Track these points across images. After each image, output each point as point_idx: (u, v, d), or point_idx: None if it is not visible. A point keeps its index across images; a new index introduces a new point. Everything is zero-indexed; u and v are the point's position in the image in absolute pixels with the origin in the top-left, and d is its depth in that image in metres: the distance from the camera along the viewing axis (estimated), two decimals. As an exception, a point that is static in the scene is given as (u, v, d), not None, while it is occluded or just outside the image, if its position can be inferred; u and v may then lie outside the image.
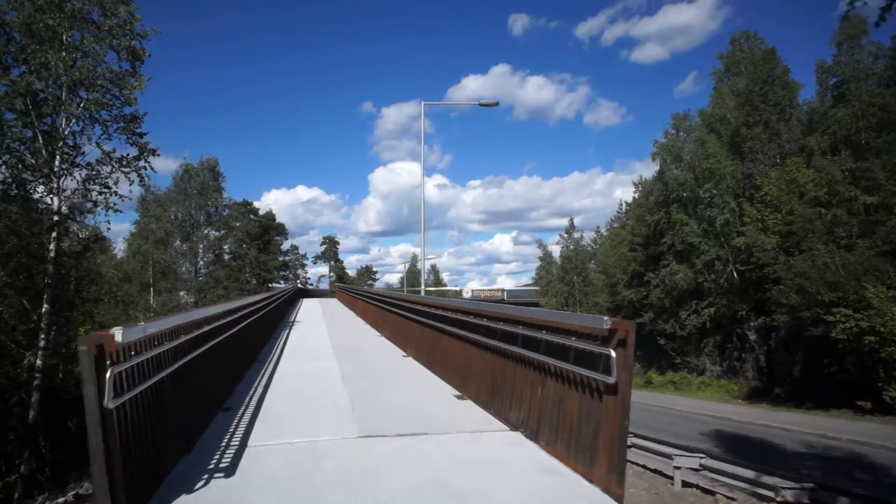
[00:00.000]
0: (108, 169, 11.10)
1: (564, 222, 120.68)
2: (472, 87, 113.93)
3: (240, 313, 8.27)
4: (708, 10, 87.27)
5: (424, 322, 9.12)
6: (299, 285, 60.86)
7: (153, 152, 11.33)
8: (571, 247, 47.58)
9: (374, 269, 75.30)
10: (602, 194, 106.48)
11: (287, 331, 14.86)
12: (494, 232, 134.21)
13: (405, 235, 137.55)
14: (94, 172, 10.82)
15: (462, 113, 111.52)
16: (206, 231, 33.20)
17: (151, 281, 23.94)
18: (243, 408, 5.75)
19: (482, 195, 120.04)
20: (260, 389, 6.80)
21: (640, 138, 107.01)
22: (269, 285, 53.85)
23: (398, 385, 7.26)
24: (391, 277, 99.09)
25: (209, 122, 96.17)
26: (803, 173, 21.03)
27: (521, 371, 4.82)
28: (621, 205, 46.00)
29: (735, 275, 25.76)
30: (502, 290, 61.72)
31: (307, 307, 28.52)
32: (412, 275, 76.29)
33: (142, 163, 11.23)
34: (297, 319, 19.24)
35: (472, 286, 70.91)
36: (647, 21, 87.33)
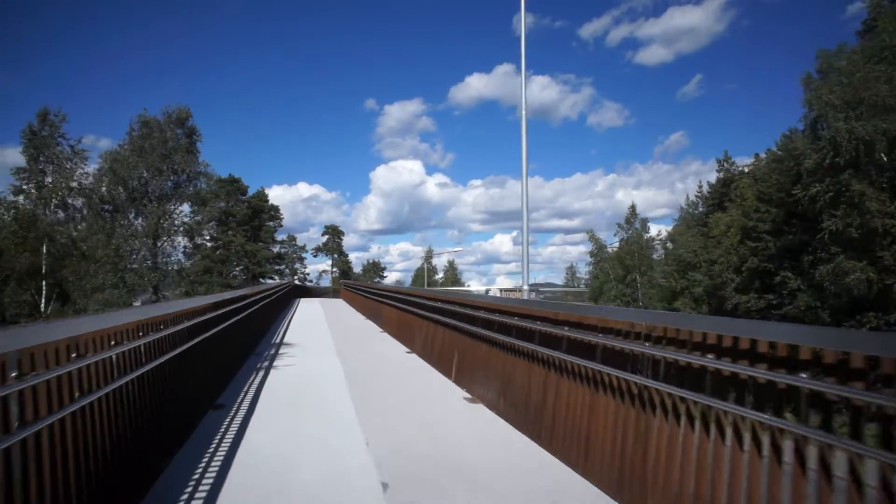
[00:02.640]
0: None
1: (565, 223, 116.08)
2: (476, 86, 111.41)
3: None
4: (714, 13, 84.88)
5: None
6: (296, 282, 53.14)
7: None
8: (633, 238, 39.45)
9: (383, 265, 67.31)
10: (603, 196, 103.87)
11: (257, 377, 6.83)
12: (494, 232, 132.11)
13: (405, 234, 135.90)
14: None
15: (465, 111, 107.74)
16: (174, 206, 25.22)
17: (44, 269, 15.71)
18: None
19: (483, 195, 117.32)
20: None
21: (642, 141, 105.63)
22: (261, 280, 45.90)
23: None
24: (391, 276, 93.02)
25: (211, 119, 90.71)
26: None
27: None
28: (701, 186, 37.76)
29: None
30: (535, 294, 53.62)
31: (305, 311, 20.68)
32: (423, 273, 68.59)
33: None
34: (285, 340, 11.28)
35: (473, 284, 62.51)
36: (652, 22, 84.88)
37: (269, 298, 18.55)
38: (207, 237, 32.55)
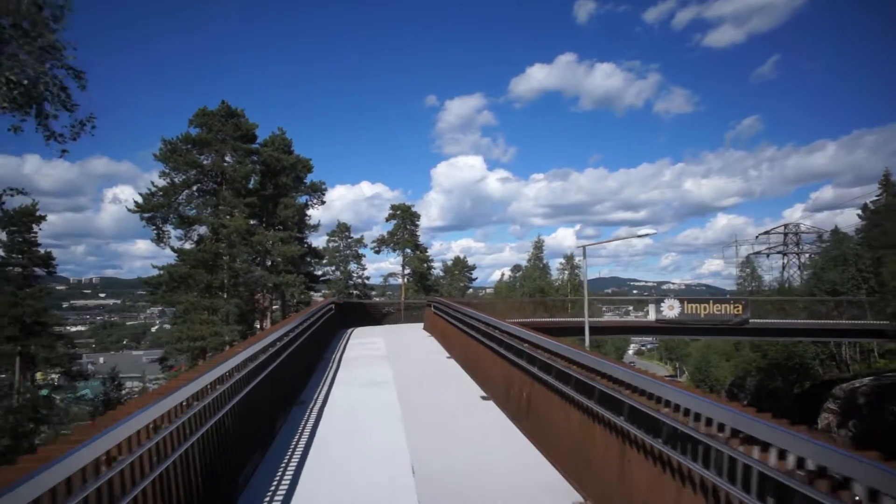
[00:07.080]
0: None
1: (630, 215, 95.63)
2: (537, 77, 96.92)
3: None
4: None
5: None
6: (355, 294, 36.26)
7: None
8: None
9: (472, 263, 49.22)
10: (671, 186, 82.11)
11: None
12: (557, 226, 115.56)
13: (466, 230, 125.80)
14: None
15: (527, 103, 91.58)
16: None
17: None
18: None
19: (545, 188, 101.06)
20: None
21: (712, 127, 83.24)
22: (289, 305, 29.01)
23: None
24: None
25: (276, 123, 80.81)
26: None
27: None
28: None
29: None
30: (741, 305, 33.15)
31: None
32: (533, 277, 49.72)
33: None
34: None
35: (669, 303, 42.33)
36: (721, 2, 62.42)
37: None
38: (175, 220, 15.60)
